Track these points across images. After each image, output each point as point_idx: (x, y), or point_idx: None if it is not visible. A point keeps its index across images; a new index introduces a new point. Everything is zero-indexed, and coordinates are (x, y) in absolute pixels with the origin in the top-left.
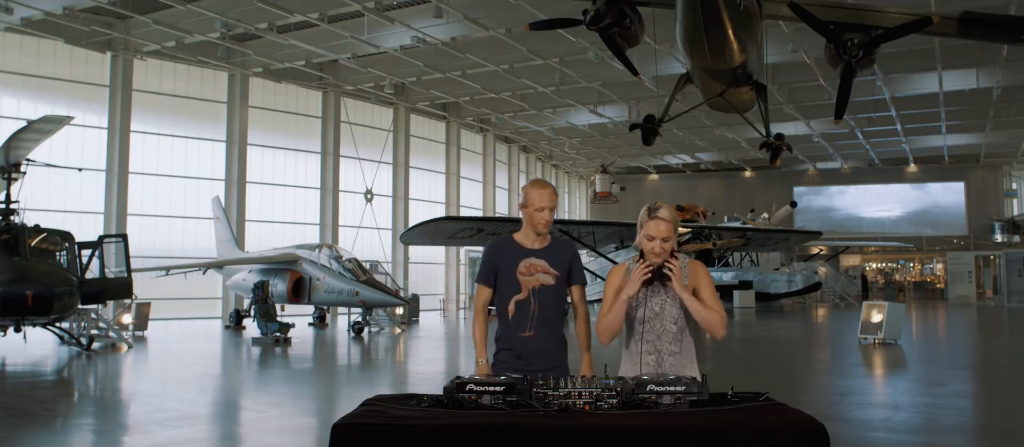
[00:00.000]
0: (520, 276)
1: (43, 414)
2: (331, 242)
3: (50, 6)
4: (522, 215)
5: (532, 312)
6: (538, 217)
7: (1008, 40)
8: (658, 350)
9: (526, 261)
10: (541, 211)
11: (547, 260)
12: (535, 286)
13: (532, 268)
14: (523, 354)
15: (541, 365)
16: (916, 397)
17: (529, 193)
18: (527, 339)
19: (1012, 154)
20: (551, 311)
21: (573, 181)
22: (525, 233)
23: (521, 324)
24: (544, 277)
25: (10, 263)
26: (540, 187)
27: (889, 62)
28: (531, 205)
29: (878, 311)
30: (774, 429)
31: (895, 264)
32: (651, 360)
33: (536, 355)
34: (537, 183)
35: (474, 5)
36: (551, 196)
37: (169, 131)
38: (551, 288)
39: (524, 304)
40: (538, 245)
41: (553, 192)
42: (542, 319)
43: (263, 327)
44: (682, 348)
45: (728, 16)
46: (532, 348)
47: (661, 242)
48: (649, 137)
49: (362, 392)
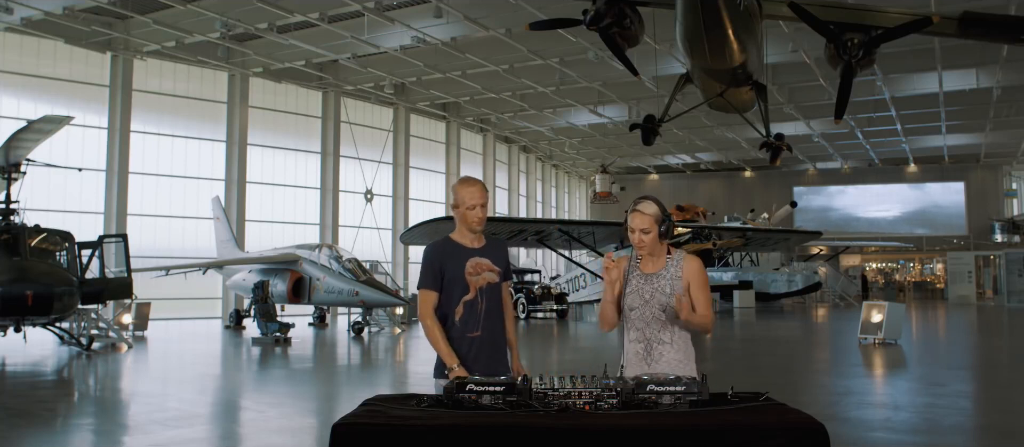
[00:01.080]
0: (468, 277)
1: (43, 414)
2: (331, 242)
3: (50, 6)
4: (455, 215)
5: (479, 311)
6: (470, 215)
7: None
8: (647, 338)
9: (472, 261)
10: (473, 209)
11: (490, 258)
12: (482, 285)
13: (479, 267)
14: (471, 353)
15: (488, 363)
16: (916, 397)
17: (459, 192)
18: (475, 338)
19: (1012, 154)
20: (496, 309)
21: (573, 181)
22: (461, 233)
23: (469, 324)
24: (490, 275)
25: (10, 263)
26: (469, 184)
27: (889, 62)
28: (462, 204)
29: (878, 311)
30: (774, 429)
31: (895, 264)
32: (640, 348)
33: (483, 353)
34: (465, 180)
35: (474, 5)
36: (481, 193)
37: (169, 131)
38: (496, 286)
39: (472, 304)
40: (478, 244)
41: (482, 188)
42: (489, 317)
43: (263, 327)
44: (673, 338)
45: (728, 16)
46: (481, 346)
47: (640, 233)
48: (649, 137)
49: (362, 392)
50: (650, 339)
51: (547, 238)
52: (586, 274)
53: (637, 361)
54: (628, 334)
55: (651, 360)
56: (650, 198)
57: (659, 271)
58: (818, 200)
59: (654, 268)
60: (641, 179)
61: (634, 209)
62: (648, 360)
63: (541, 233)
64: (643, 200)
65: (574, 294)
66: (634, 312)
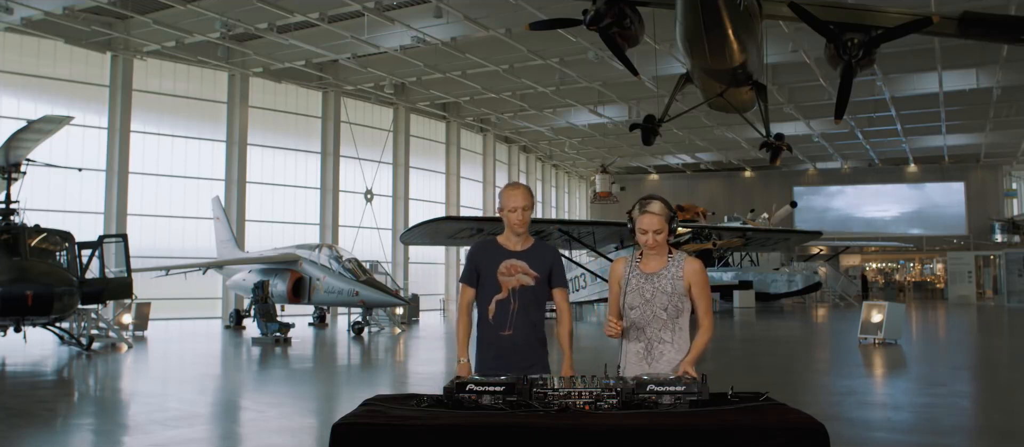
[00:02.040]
0: (500, 277)
1: (43, 414)
2: (331, 242)
3: (50, 6)
4: (502, 218)
5: (512, 311)
6: (512, 217)
7: (1008, 40)
8: (648, 338)
9: (506, 262)
10: (514, 212)
11: (528, 262)
12: (515, 286)
13: (512, 269)
14: (503, 352)
15: (521, 363)
16: (916, 397)
17: (504, 196)
18: (506, 337)
19: (1012, 154)
20: (531, 311)
21: (573, 181)
22: (507, 236)
23: (501, 323)
24: (524, 278)
25: (10, 263)
26: (512, 188)
27: (889, 62)
28: (505, 207)
29: (878, 311)
30: (774, 429)
31: (895, 264)
32: (640, 347)
33: (516, 353)
34: (510, 185)
35: (474, 5)
36: (524, 196)
37: (169, 131)
38: (531, 289)
39: (504, 303)
40: (520, 247)
41: (525, 192)
42: (522, 318)
43: (263, 327)
44: (674, 337)
45: (728, 16)
46: (511, 346)
47: (653, 235)
48: (649, 137)
49: (362, 392)
50: (651, 338)
51: (547, 238)
52: (586, 274)
53: (637, 360)
54: (628, 333)
55: (651, 359)
56: (656, 198)
57: (660, 271)
58: (818, 200)
59: (655, 267)
60: (641, 179)
61: (644, 210)
62: (648, 359)
63: (541, 233)
64: (651, 200)
65: (574, 294)
66: (634, 311)
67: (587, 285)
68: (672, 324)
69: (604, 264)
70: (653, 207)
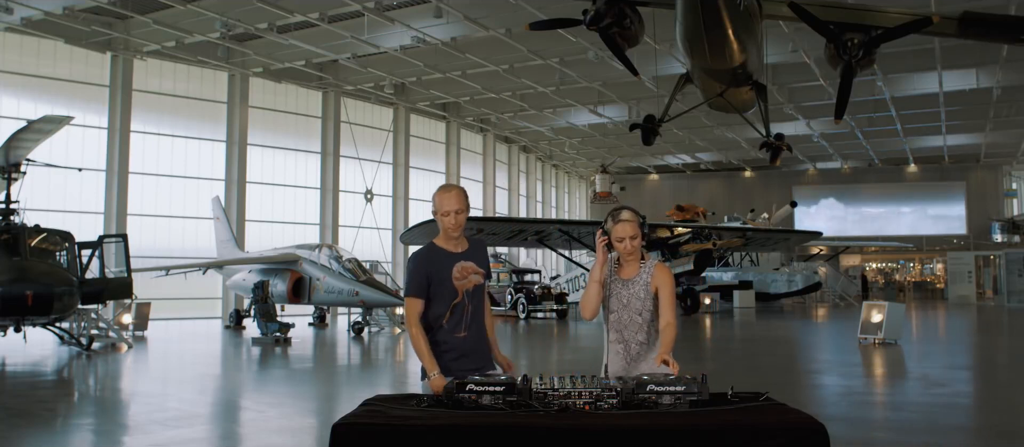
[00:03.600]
0: (456, 281)
1: (43, 414)
2: (331, 242)
3: (50, 6)
4: (437, 221)
5: (466, 313)
6: (446, 221)
7: (1008, 40)
8: (625, 339)
9: (458, 265)
10: (447, 215)
11: (474, 261)
12: (469, 288)
13: (465, 271)
14: (460, 353)
15: (476, 362)
16: (916, 397)
17: (437, 199)
18: (461, 339)
19: (1012, 154)
20: (481, 310)
21: (573, 181)
22: (444, 239)
23: (456, 326)
24: (475, 278)
25: (10, 263)
26: (445, 191)
27: (889, 62)
28: (439, 210)
29: (878, 311)
30: (774, 429)
31: (895, 264)
32: (619, 348)
33: (472, 353)
34: (443, 188)
35: (474, 5)
36: (457, 199)
37: (169, 131)
38: (480, 287)
39: (459, 307)
40: (461, 248)
41: (459, 194)
42: (475, 318)
43: (263, 327)
44: (649, 338)
45: (728, 16)
46: (467, 347)
47: (630, 240)
48: (649, 137)
49: (362, 392)
50: (628, 340)
51: (547, 238)
52: (586, 274)
53: (617, 360)
54: (609, 335)
55: (630, 357)
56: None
57: (634, 277)
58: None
59: (630, 274)
60: (641, 179)
61: (618, 220)
62: (627, 357)
63: (541, 233)
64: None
65: (574, 294)
66: (613, 315)
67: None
68: (647, 327)
69: None
70: (624, 215)
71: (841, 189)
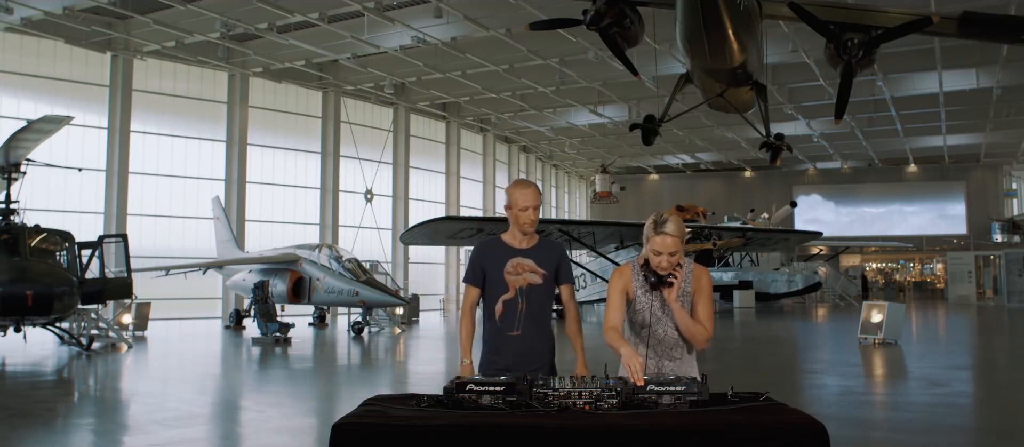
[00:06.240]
0: (507, 276)
1: (43, 414)
2: (331, 242)
3: (50, 6)
4: (508, 216)
5: (520, 311)
6: (523, 217)
7: (1008, 40)
8: (659, 355)
9: (513, 261)
10: (525, 211)
11: (534, 259)
12: (522, 285)
13: (519, 267)
14: (511, 353)
15: (529, 364)
16: (916, 397)
17: (512, 194)
18: (515, 338)
19: (1012, 154)
20: (539, 310)
21: (573, 181)
22: (512, 233)
23: (509, 323)
24: (531, 276)
25: (10, 263)
26: (523, 187)
27: (889, 62)
28: (515, 206)
29: (878, 311)
30: (774, 429)
31: (895, 264)
32: (651, 365)
33: (524, 354)
34: (520, 183)
35: (474, 5)
36: (534, 195)
37: (169, 131)
38: (539, 287)
39: (512, 303)
40: (525, 245)
41: (536, 191)
42: (530, 318)
43: (263, 327)
44: (683, 354)
45: (728, 16)
46: (520, 347)
47: (668, 257)
48: (649, 137)
49: (362, 392)
50: (661, 356)
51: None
52: (586, 274)
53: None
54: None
55: None
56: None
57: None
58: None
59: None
60: (641, 179)
61: (660, 231)
62: None
63: (541, 233)
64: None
65: None
66: (644, 330)
67: (587, 285)
68: (682, 340)
69: (604, 264)
70: (669, 228)
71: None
